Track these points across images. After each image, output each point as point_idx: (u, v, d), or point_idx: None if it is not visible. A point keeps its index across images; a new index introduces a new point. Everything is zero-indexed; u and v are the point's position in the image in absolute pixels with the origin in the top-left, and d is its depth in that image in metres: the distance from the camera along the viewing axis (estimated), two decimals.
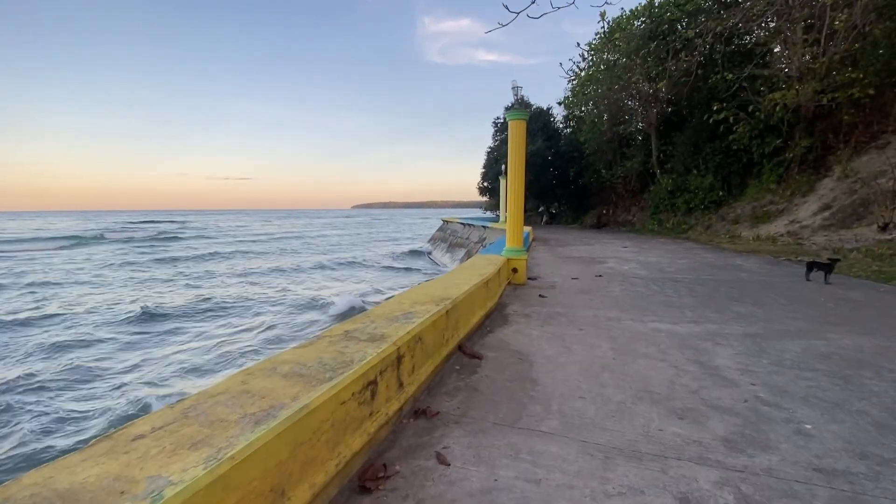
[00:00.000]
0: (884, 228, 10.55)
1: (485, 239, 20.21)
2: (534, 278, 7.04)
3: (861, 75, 12.18)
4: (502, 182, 19.27)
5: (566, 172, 25.06)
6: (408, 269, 21.59)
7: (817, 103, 13.40)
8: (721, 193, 16.24)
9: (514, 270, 6.49)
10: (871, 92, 12.08)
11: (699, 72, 17.88)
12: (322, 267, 22.60)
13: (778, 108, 13.72)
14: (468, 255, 21.02)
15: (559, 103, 25.52)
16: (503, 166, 19.93)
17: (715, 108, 15.57)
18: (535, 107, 26.38)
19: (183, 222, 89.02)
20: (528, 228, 14.91)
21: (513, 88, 6.56)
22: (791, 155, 14.52)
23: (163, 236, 45.94)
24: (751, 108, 14.65)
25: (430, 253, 26.16)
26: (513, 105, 5.85)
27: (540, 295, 5.68)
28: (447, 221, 31.07)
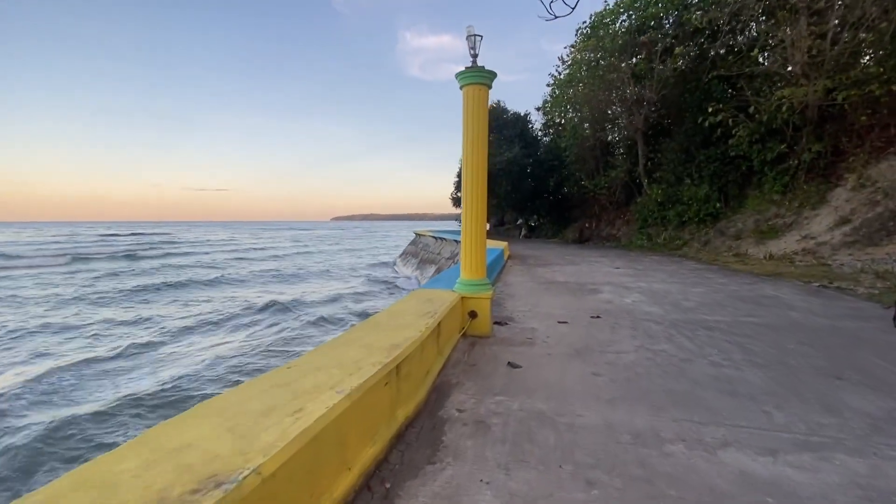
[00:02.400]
0: None
1: (457, 254, 17.99)
2: (503, 323, 4.83)
3: (881, 70, 10.61)
4: None
5: (546, 182, 23.23)
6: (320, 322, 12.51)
7: (829, 102, 11.81)
8: (718, 205, 14.52)
9: (472, 315, 4.26)
10: (895, 88, 10.50)
11: (689, 70, 16.34)
12: (228, 319, 12.74)
13: (784, 109, 12.08)
14: (439, 272, 18.78)
15: (538, 109, 23.83)
16: None
17: (710, 109, 13.90)
18: (511, 112, 24.59)
19: (138, 234, 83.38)
20: (502, 244, 12.81)
21: (468, 38, 4.09)
22: (797, 162, 12.90)
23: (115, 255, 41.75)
24: (751, 109, 13.01)
25: (410, 279, 22.13)
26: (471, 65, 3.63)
27: (510, 363, 3.46)
28: (419, 235, 28.83)
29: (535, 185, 23.34)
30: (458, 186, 25.76)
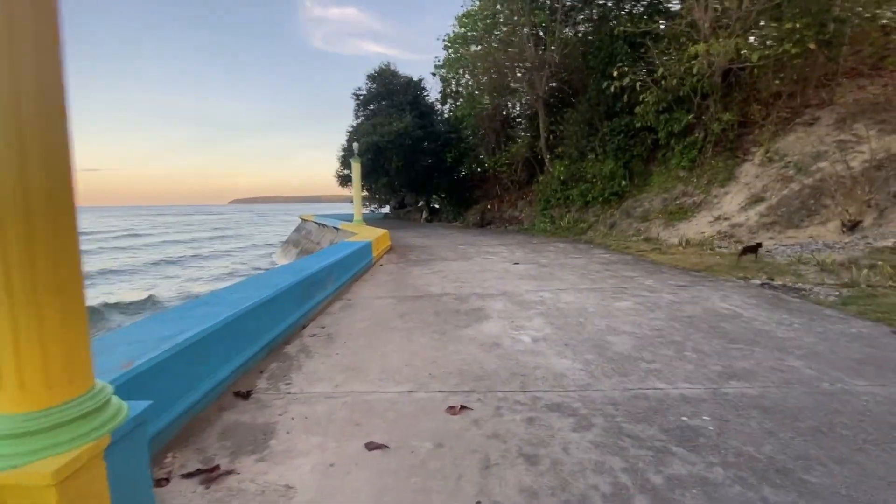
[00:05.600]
0: (851, 228, 7.64)
1: (335, 243, 14.68)
2: (210, 475, 1.89)
3: (795, 25, 9.38)
4: (355, 166, 13.98)
5: (444, 158, 20.63)
6: None
7: (741, 65, 10.55)
8: (623, 183, 13.04)
9: None
10: (812, 46, 9.34)
11: (592, 31, 14.65)
12: None
13: (695, 70, 10.59)
14: None
15: (433, 74, 20.97)
16: (355, 144, 14.61)
17: (615, 72, 12.17)
18: (403, 76, 21.47)
19: None
20: (375, 234, 9.86)
21: None
22: (703, 134, 11.69)
23: None
24: (659, 73, 11.44)
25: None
26: None
27: None
28: (304, 220, 24.82)
29: (431, 161, 20.65)
30: (343, 162, 22.13)
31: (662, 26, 13.43)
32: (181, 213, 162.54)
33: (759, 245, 7.13)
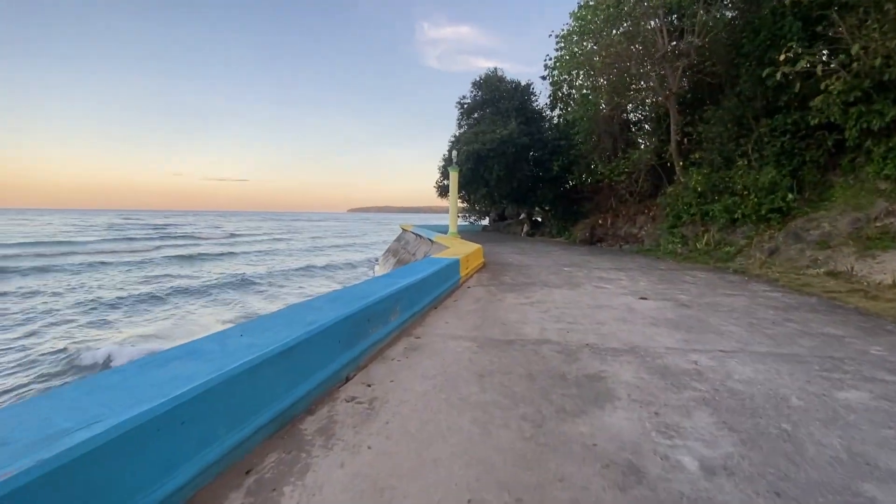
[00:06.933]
0: None
1: (428, 255, 13.93)
2: None
3: None
4: (452, 175, 13.08)
5: (550, 168, 18.84)
6: None
7: None
8: (790, 196, 10.08)
9: None
10: None
11: (744, 11, 11.93)
12: None
13: None
14: None
15: (543, 77, 19.37)
16: (454, 153, 13.74)
17: (782, 56, 9.44)
18: (510, 81, 20.19)
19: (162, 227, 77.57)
20: (467, 250, 8.70)
21: None
22: None
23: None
24: (855, 50, 8.54)
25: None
26: None
27: None
28: (404, 230, 24.87)
29: (536, 170, 18.95)
30: (443, 172, 21.54)
31: None
32: (311, 218, 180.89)
33: None
